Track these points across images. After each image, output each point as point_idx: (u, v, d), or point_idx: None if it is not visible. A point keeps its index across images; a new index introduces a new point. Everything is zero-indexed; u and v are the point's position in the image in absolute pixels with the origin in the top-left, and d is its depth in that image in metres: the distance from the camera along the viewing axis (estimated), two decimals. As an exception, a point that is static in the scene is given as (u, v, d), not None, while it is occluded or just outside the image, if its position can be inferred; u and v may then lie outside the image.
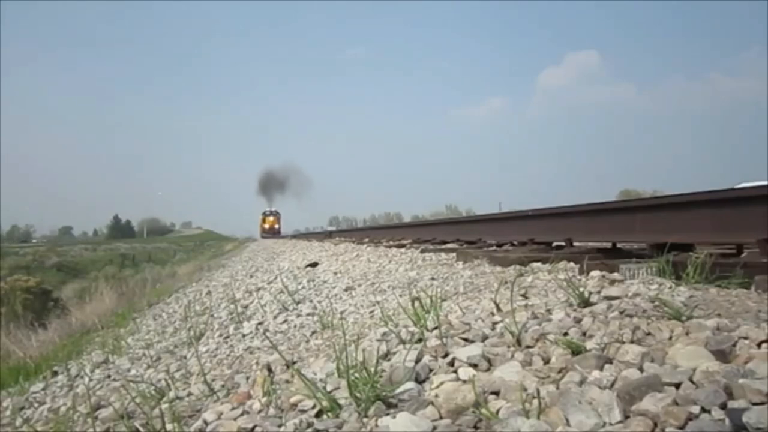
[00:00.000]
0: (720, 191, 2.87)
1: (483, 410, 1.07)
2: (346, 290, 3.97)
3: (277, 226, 58.86)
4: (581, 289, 1.79)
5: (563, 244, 4.28)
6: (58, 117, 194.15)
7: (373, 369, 1.29)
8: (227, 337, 3.42)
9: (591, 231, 4.01)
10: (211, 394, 1.99)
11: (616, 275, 2.30)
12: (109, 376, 3.46)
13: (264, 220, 60.53)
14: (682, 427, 0.91)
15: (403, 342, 1.66)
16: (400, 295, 3.07)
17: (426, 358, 1.43)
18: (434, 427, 1.07)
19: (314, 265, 6.42)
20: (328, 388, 1.33)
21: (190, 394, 2.12)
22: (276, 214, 61.58)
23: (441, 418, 1.10)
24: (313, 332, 2.83)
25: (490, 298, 1.92)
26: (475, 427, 1.05)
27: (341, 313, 3.16)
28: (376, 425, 1.12)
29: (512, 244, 5.18)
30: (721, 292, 1.90)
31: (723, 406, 0.94)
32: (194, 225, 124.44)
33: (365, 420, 1.16)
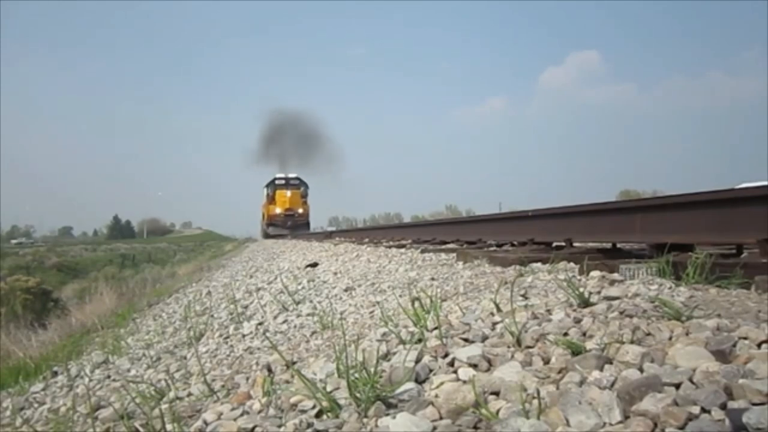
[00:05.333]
0: (720, 191, 2.86)
1: (483, 410, 1.07)
2: (346, 290, 3.97)
3: (300, 210, 30.56)
4: (581, 290, 1.79)
5: (563, 244, 4.27)
6: (58, 117, 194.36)
7: (373, 369, 1.29)
8: (227, 337, 3.42)
9: (591, 231, 4.01)
10: (211, 395, 1.99)
11: (616, 275, 2.30)
12: (109, 377, 3.46)
13: (275, 199, 30.79)
14: (682, 428, 0.91)
15: (403, 342, 1.66)
16: (400, 296, 3.07)
17: (426, 359, 1.43)
18: (434, 428, 1.07)
19: (314, 265, 6.42)
20: (328, 389, 1.33)
21: (190, 394, 2.12)
22: (298, 184, 31.64)
23: (441, 418, 1.10)
24: (313, 332, 2.83)
25: (490, 298, 1.92)
26: (475, 428, 1.05)
27: (341, 313, 3.16)
28: (376, 425, 1.12)
29: (512, 245, 5.17)
30: (721, 293, 1.90)
31: (723, 407, 0.94)
32: (194, 225, 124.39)
33: (365, 420, 1.16)
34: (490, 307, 1.86)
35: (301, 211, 30.83)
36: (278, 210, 30.52)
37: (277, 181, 31.87)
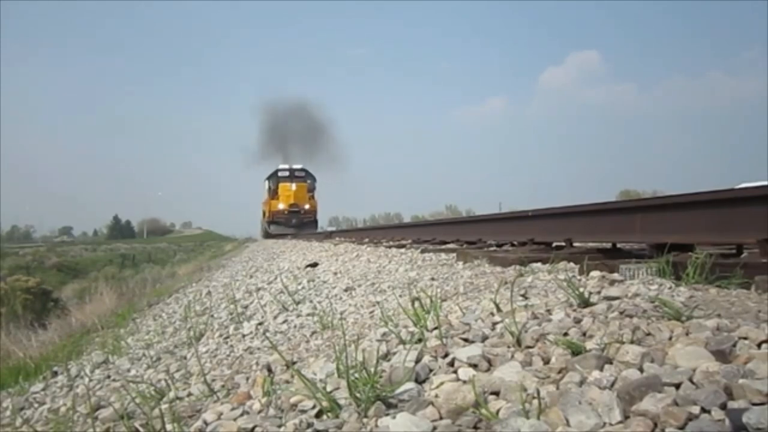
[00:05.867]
0: (720, 191, 2.86)
1: (483, 410, 1.07)
2: (346, 290, 3.97)
3: (307, 206, 27.08)
4: (581, 290, 1.79)
5: (563, 244, 4.27)
6: (57, 117, 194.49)
7: (373, 369, 1.29)
8: (227, 337, 3.42)
9: (591, 231, 4.01)
10: (211, 395, 1.99)
11: (616, 275, 2.30)
12: (109, 377, 3.46)
13: (277, 193, 27.24)
14: (682, 428, 0.91)
15: (403, 342, 1.66)
16: (400, 296, 3.07)
17: (426, 359, 1.43)
18: (434, 428, 1.07)
19: (314, 265, 6.42)
20: (328, 389, 1.33)
21: (190, 394, 2.12)
22: (304, 176, 28.11)
23: (441, 418, 1.10)
24: (313, 332, 2.83)
25: (490, 298, 1.92)
26: (475, 428, 1.05)
27: (341, 313, 3.16)
28: (376, 425, 1.12)
29: (512, 245, 5.17)
30: (721, 293, 1.90)
31: (723, 407, 0.94)
32: (194, 225, 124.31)
33: (365, 420, 1.16)
34: (490, 307, 1.86)
35: (307, 207, 26.85)
36: (281, 206, 26.56)
37: (279, 173, 27.68)
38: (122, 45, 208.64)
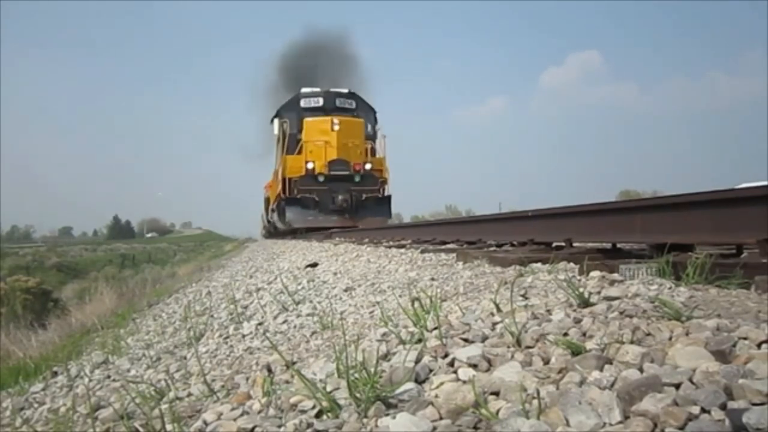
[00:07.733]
0: (720, 191, 2.86)
1: (483, 410, 1.07)
2: (345, 290, 3.97)
3: (368, 165, 13.59)
4: (581, 290, 1.79)
5: (563, 244, 4.27)
6: (58, 118, 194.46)
7: (373, 369, 1.29)
8: (227, 337, 3.42)
9: (591, 231, 4.00)
10: (210, 395, 1.99)
11: (615, 276, 2.30)
12: (108, 377, 3.46)
13: (301, 141, 13.50)
14: (682, 428, 0.91)
15: (402, 342, 1.66)
16: (400, 296, 3.07)
17: (426, 359, 1.43)
18: (434, 428, 1.07)
19: (314, 265, 6.42)
20: (328, 389, 1.33)
21: (189, 394, 2.12)
22: (356, 109, 14.46)
23: (441, 418, 1.10)
24: (313, 333, 2.83)
25: (490, 298, 1.92)
26: (475, 428, 1.05)
27: (341, 313, 3.16)
28: (376, 425, 1.12)
29: (512, 245, 5.17)
30: (720, 293, 1.90)
31: (723, 407, 0.94)
32: (194, 225, 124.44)
33: (365, 420, 1.16)
34: (490, 307, 1.86)
35: (368, 167, 14.32)
36: (311, 165, 13.83)
37: (304, 101, 14.94)
38: (123, 45, 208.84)
